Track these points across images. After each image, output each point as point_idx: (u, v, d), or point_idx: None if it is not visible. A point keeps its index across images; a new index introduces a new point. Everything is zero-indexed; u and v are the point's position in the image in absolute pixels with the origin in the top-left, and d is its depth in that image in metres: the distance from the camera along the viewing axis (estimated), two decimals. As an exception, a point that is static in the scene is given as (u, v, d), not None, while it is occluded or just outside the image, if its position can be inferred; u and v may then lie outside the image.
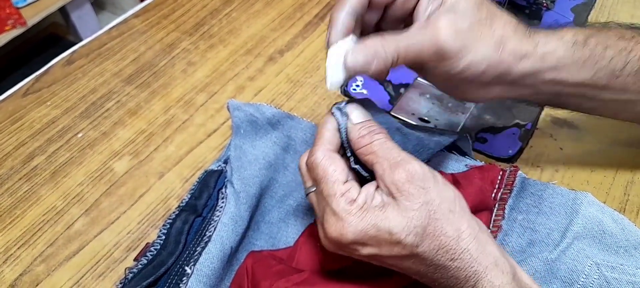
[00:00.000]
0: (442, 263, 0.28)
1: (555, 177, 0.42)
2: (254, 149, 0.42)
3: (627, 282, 0.33)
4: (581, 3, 0.59)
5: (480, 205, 0.37)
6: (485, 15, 0.32)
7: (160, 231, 0.37)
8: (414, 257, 0.28)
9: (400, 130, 0.34)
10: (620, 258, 0.34)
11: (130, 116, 0.49)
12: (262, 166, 0.41)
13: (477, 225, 0.29)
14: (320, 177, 0.30)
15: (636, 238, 0.35)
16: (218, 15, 0.60)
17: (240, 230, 0.36)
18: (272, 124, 0.44)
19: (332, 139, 0.31)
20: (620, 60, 0.34)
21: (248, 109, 0.44)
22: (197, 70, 0.53)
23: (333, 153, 0.30)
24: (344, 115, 0.31)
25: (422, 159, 0.30)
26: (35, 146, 0.46)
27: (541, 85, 0.34)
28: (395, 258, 0.28)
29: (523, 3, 0.59)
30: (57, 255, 0.38)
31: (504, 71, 0.33)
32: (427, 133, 0.36)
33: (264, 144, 0.42)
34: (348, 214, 0.28)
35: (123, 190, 0.42)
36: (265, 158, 0.41)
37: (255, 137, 0.43)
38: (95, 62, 0.54)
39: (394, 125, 0.34)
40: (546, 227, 0.36)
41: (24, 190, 0.43)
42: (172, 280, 0.33)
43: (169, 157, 0.45)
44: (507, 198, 0.37)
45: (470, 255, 0.28)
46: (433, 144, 0.35)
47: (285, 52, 0.55)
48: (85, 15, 1.55)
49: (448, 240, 0.27)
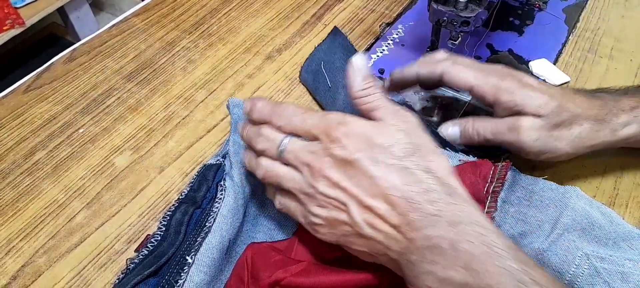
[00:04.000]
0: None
1: (546, 172, 0.43)
2: None
3: (616, 271, 0.34)
4: (573, 4, 0.60)
5: (473, 198, 0.37)
6: (565, 117, 0.36)
7: (161, 223, 0.38)
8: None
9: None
10: (609, 249, 0.35)
11: (131, 112, 0.49)
12: None
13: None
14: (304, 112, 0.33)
15: (624, 230, 0.36)
16: (217, 14, 0.61)
17: (238, 223, 0.37)
18: None
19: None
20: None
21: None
22: (196, 68, 0.54)
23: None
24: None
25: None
26: (37, 141, 0.47)
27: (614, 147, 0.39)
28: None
29: (515, 4, 0.60)
30: (59, 247, 0.39)
31: (579, 154, 0.38)
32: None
33: None
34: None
35: (124, 184, 0.43)
36: None
37: None
38: (96, 59, 0.55)
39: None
40: (537, 219, 0.37)
41: (25, 183, 0.43)
42: (173, 269, 0.34)
43: (169, 152, 0.46)
44: (499, 191, 0.38)
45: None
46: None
47: (283, 50, 0.56)
48: (84, 16, 1.56)
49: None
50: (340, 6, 0.62)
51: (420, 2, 0.62)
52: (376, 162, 0.29)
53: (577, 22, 0.58)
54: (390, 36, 0.57)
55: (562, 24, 0.58)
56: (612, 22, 0.58)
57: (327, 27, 0.59)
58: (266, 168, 0.34)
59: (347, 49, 0.48)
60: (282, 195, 0.34)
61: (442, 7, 0.42)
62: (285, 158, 0.32)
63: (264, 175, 0.34)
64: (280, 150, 0.33)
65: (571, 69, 0.52)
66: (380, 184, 0.29)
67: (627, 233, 0.36)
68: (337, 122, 0.31)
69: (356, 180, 0.29)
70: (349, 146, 0.30)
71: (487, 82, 0.37)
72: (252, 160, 0.35)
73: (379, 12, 0.61)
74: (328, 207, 0.31)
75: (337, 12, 0.61)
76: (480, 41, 0.55)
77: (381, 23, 0.59)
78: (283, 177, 0.33)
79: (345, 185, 0.30)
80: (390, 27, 0.58)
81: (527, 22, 0.58)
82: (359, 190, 0.29)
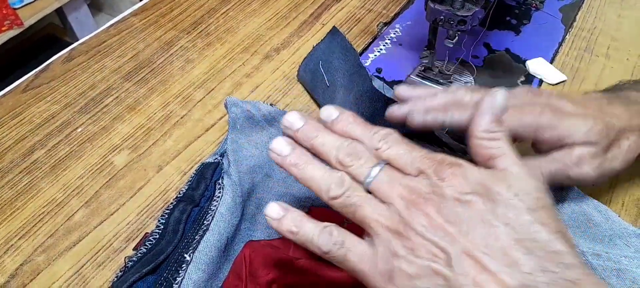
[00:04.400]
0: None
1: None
2: (250, 144, 0.43)
3: (611, 268, 0.34)
4: (569, 3, 0.61)
5: None
6: (613, 136, 0.34)
7: (159, 221, 0.38)
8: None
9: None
10: (605, 246, 0.35)
11: (129, 111, 0.50)
12: (257, 161, 0.42)
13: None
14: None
15: (620, 228, 0.36)
16: (215, 14, 0.62)
17: (236, 221, 0.37)
18: (268, 120, 0.45)
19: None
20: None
21: (245, 105, 0.46)
22: (195, 67, 0.54)
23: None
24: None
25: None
26: (36, 140, 0.47)
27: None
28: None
29: (512, 3, 0.61)
30: (58, 245, 0.39)
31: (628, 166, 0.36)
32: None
33: (259, 139, 0.43)
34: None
35: (122, 182, 0.43)
36: (260, 152, 0.42)
37: (252, 132, 0.44)
38: (94, 59, 0.55)
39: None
40: None
41: (24, 182, 0.44)
42: (172, 267, 0.34)
43: (168, 151, 0.46)
44: None
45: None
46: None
47: (281, 49, 0.56)
48: (82, 17, 1.56)
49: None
50: (338, 6, 0.62)
51: (417, 2, 0.62)
52: (494, 212, 0.24)
53: (573, 21, 0.58)
54: (388, 36, 0.57)
55: (559, 23, 0.58)
56: (608, 21, 0.58)
57: (325, 27, 0.59)
58: (346, 186, 0.27)
59: (345, 49, 0.48)
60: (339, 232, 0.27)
61: (439, 6, 0.43)
62: (374, 186, 0.26)
63: (334, 194, 0.27)
64: (372, 176, 0.27)
65: (568, 68, 0.52)
66: (500, 236, 0.23)
67: (623, 230, 0.36)
68: (450, 163, 0.26)
69: (466, 227, 0.24)
70: (462, 187, 0.25)
71: (522, 124, 0.34)
72: (317, 172, 0.28)
73: (377, 12, 0.61)
74: (420, 251, 0.24)
75: (335, 12, 0.61)
76: (477, 40, 0.55)
77: (379, 22, 0.59)
78: (365, 206, 0.26)
79: (450, 230, 0.24)
80: (387, 27, 0.59)
81: (524, 21, 0.58)
82: (467, 239, 0.23)
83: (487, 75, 0.52)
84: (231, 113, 0.45)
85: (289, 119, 0.29)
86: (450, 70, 0.51)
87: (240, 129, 0.44)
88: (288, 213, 0.27)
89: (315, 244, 0.26)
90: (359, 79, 0.43)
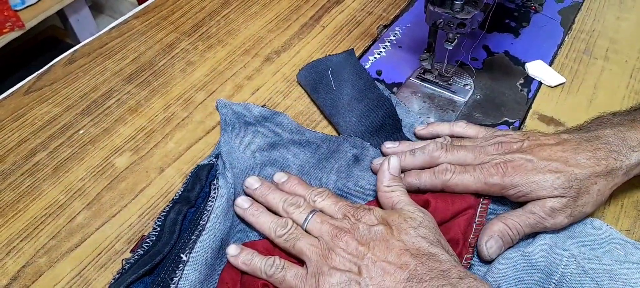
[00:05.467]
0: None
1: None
2: (242, 145, 0.43)
3: (603, 271, 0.34)
4: (569, 5, 0.61)
5: (465, 204, 0.38)
6: (579, 186, 0.36)
7: (155, 223, 0.38)
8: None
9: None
10: (595, 251, 0.35)
11: (131, 113, 0.50)
12: (250, 162, 0.42)
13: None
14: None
15: (607, 235, 0.37)
16: (216, 16, 0.62)
17: (229, 222, 0.38)
18: (260, 121, 0.45)
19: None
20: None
21: (236, 107, 0.46)
22: (196, 70, 0.55)
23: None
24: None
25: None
26: (38, 142, 0.47)
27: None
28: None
29: (511, 6, 0.61)
30: (59, 247, 0.39)
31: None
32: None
33: (251, 140, 0.44)
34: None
35: (124, 184, 0.44)
36: (253, 154, 0.43)
37: (243, 133, 0.44)
38: (96, 61, 0.56)
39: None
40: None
41: (26, 184, 0.44)
42: (169, 267, 0.34)
43: (169, 153, 0.46)
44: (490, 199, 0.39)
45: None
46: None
47: (281, 52, 0.57)
48: (84, 19, 1.57)
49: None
50: (338, 8, 0.62)
51: (417, 5, 0.63)
52: (392, 234, 0.34)
53: (572, 24, 0.58)
54: (388, 38, 0.57)
55: (558, 26, 0.58)
56: (607, 24, 0.58)
57: (325, 30, 0.59)
58: (288, 228, 0.36)
59: (358, 70, 0.49)
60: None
61: (438, 9, 0.43)
62: (310, 226, 0.36)
63: (279, 233, 0.36)
64: (308, 219, 0.36)
65: (567, 70, 0.53)
66: (394, 248, 0.33)
67: (611, 237, 0.37)
68: (364, 208, 0.36)
69: (373, 244, 0.33)
70: (371, 220, 0.35)
71: (486, 184, 0.37)
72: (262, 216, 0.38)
73: (377, 15, 0.61)
74: (340, 265, 0.33)
75: (335, 15, 0.62)
76: (476, 43, 0.56)
77: (379, 25, 0.60)
78: (302, 239, 0.35)
79: (361, 249, 0.33)
80: (387, 29, 0.59)
81: (523, 24, 0.58)
82: (373, 252, 0.33)
83: (486, 77, 0.52)
84: (223, 115, 0.46)
85: (249, 181, 0.40)
86: (450, 73, 0.51)
87: (232, 131, 0.44)
88: (242, 252, 0.36)
89: (263, 271, 0.35)
90: (372, 94, 0.47)
